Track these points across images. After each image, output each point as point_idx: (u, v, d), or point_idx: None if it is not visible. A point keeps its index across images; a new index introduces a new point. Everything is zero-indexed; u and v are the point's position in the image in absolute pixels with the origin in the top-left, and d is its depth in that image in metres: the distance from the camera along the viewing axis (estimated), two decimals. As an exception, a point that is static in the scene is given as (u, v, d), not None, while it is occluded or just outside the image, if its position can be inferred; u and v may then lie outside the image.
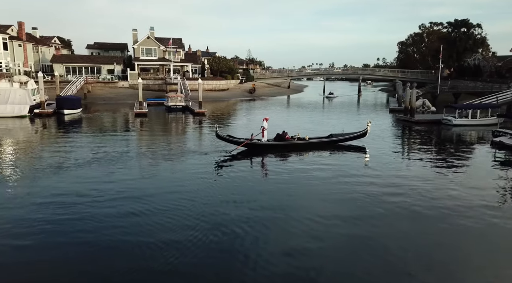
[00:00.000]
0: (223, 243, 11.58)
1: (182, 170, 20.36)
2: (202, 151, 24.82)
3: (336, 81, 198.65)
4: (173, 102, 50.64)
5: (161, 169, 20.67)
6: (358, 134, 26.44)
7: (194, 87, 68.19)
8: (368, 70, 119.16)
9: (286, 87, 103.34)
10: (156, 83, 71.05)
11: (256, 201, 15.41)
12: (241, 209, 14.46)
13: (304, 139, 25.30)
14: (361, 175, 19.55)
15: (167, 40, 76.57)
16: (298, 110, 58.00)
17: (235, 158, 23.27)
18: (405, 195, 16.36)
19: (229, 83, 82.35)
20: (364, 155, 24.70)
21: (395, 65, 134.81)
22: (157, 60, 75.73)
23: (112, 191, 16.49)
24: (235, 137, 25.46)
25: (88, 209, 14.31)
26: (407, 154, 25.58)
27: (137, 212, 14.07)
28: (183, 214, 13.82)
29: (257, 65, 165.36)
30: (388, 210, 14.59)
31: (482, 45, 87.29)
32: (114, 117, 45.31)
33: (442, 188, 17.39)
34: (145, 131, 35.30)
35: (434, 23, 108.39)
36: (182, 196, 16.07)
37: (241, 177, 18.92)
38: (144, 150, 25.31)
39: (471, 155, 25.70)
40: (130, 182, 18.00)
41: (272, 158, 23.75)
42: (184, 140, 29.71)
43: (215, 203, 15.14)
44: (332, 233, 12.57)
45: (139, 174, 19.60)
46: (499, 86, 56.60)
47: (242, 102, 68.67)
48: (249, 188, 17.41)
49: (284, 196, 16.21)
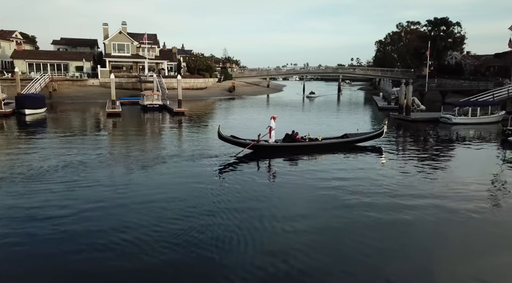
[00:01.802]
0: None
1: (163, 179, 16.86)
2: (186, 155, 21.32)
3: (312, 80, 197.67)
4: (149, 101, 46.55)
5: (140, 177, 17.06)
6: (374, 134, 24.23)
7: (170, 85, 64.17)
8: (349, 68, 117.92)
9: (266, 86, 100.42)
10: (130, 81, 66.32)
11: (271, 227, 12.14)
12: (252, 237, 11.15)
13: (316, 139, 22.70)
14: (383, 185, 16.62)
15: (141, 35, 72.01)
16: (284, 109, 54.98)
17: (237, 163, 19.97)
18: (437, 208, 13.52)
19: (207, 81, 78.55)
20: (380, 158, 22.09)
21: (371, 64, 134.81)
22: (130, 56, 70.89)
23: (76, 207, 12.98)
24: (240, 138, 22.27)
25: (44, 232, 10.68)
26: (417, 157, 22.82)
27: (107, 235, 10.65)
28: (166, 238, 10.42)
29: (234, 64, 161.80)
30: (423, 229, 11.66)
31: (461, 43, 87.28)
32: (84, 117, 40.84)
33: (470, 199, 14.65)
34: (118, 132, 31.29)
35: (411, 22, 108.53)
36: (163, 210, 12.80)
37: (245, 188, 15.56)
38: (119, 155, 21.49)
39: (483, 156, 23.31)
40: (100, 195, 14.41)
41: (281, 162, 20.68)
42: (165, 143, 25.98)
43: (209, 221, 11.77)
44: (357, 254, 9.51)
45: (112, 185, 15.87)
46: (485, 84, 55.68)
47: (222, 101, 65.10)
48: (258, 204, 14.07)
49: (307, 217, 13.01)
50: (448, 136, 30.49)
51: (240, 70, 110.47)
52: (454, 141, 28.64)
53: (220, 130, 21.65)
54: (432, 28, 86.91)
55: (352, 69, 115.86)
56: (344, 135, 24.29)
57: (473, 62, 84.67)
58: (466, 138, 29.86)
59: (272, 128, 21.96)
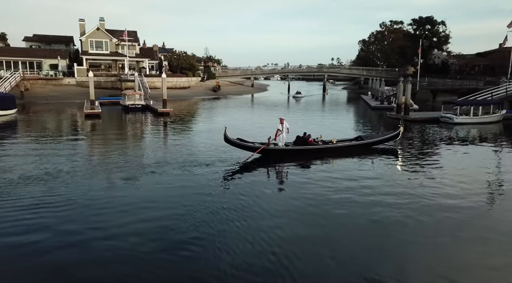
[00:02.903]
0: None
1: (153, 194, 14.25)
2: (176, 162, 18.75)
3: (293, 80, 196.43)
4: (131, 101, 43.44)
5: (124, 191, 14.42)
6: (390, 136, 22.47)
7: (152, 84, 61.22)
8: (334, 68, 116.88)
9: (250, 86, 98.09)
10: (109, 80, 62.74)
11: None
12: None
13: (331, 142, 20.87)
14: (401, 192, 14.52)
15: (120, 32, 68.29)
16: (272, 109, 52.71)
17: (240, 170, 17.55)
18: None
19: (190, 80, 75.61)
20: (397, 163, 20.21)
21: (353, 64, 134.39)
22: (109, 54, 67.26)
23: (38, 235, 10.41)
24: (248, 141, 20.06)
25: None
26: (433, 161, 20.92)
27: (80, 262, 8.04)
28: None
29: (215, 63, 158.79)
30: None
31: (445, 42, 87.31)
32: (59, 119, 37.46)
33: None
34: (98, 136, 28.33)
35: (394, 21, 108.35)
36: (156, 239, 10.21)
37: (256, 204, 13.13)
38: (99, 163, 18.66)
39: (504, 159, 21.63)
40: (73, 218, 11.81)
41: (294, 168, 18.45)
42: (151, 148, 23.20)
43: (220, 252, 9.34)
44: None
45: (89, 204, 13.18)
46: (475, 83, 55.15)
47: (207, 100, 62.35)
48: (271, 222, 11.69)
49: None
50: (456, 136, 28.71)
51: (223, 69, 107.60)
52: (466, 142, 26.85)
53: (226, 133, 19.33)
54: (417, 27, 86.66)
55: (337, 69, 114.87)
56: (359, 137, 22.68)
57: (458, 61, 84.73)
58: (476, 138, 28.14)
59: (280, 131, 19.85)
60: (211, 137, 26.37)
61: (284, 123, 19.99)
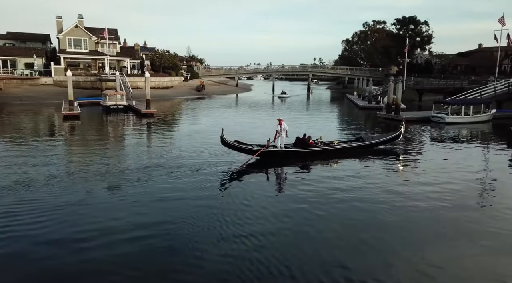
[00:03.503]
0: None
1: (139, 204, 12.87)
2: (163, 167, 17.42)
3: (276, 80, 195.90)
4: (113, 101, 41.51)
5: (107, 201, 12.98)
6: (392, 137, 21.78)
7: (134, 84, 59.23)
8: (318, 68, 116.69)
9: (234, 85, 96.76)
10: (89, 79, 60.29)
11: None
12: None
13: (331, 144, 20.05)
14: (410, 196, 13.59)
15: (99, 30, 65.95)
16: (259, 110, 51.62)
17: (235, 175, 16.24)
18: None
19: (173, 80, 73.74)
20: (399, 163, 19.53)
21: (335, 64, 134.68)
22: (88, 53, 64.78)
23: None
24: (246, 143, 19.02)
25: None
26: (436, 162, 20.15)
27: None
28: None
29: (198, 62, 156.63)
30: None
31: (428, 42, 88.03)
32: (35, 120, 35.31)
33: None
34: (78, 138, 26.56)
35: (377, 21, 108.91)
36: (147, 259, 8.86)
37: (255, 211, 11.92)
38: (78, 169, 17.08)
39: (497, 159, 21.04)
40: (48, 234, 10.38)
41: (294, 172, 17.33)
42: (135, 151, 21.65)
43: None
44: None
45: (67, 219, 11.73)
46: (460, 82, 55.37)
47: (191, 100, 60.74)
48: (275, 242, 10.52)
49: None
50: (450, 136, 28.15)
51: (206, 68, 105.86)
52: (460, 142, 26.30)
53: (223, 135, 18.17)
54: (400, 27, 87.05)
55: (322, 68, 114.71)
56: (360, 138, 21.95)
57: (441, 61, 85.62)
58: (471, 138, 27.68)
59: (279, 132, 18.84)
60: (199, 139, 25.06)
61: (283, 124, 18.94)
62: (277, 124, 19.19)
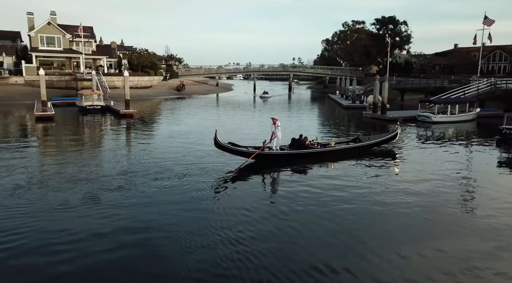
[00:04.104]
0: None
1: (121, 214, 11.58)
2: (147, 172, 16.11)
3: (256, 80, 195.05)
4: (89, 101, 39.55)
5: (85, 212, 11.61)
6: (389, 137, 21.30)
7: (111, 84, 57.19)
8: (300, 67, 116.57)
9: (215, 85, 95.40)
10: (63, 79, 57.69)
11: None
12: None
13: (328, 145, 19.40)
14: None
15: (74, 28, 63.50)
16: (243, 109, 50.54)
17: (225, 180, 15.05)
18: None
19: (152, 79, 71.83)
20: (395, 165, 18.87)
21: (314, 64, 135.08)
22: (62, 51, 62.08)
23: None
24: (240, 145, 18.03)
25: None
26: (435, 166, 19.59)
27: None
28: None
29: (177, 62, 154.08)
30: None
31: (407, 41, 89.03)
32: (4, 122, 33.03)
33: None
34: (52, 141, 24.80)
35: (356, 21, 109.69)
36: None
37: (254, 221, 10.83)
38: (52, 175, 15.55)
39: (491, 159, 20.71)
40: (17, 252, 8.93)
41: (291, 174, 16.56)
42: (115, 155, 20.14)
43: None
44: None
45: (43, 225, 10.38)
46: (441, 82, 55.87)
47: (171, 101, 59.07)
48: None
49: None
50: (439, 136, 27.82)
51: (186, 68, 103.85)
52: (451, 141, 25.89)
53: (217, 137, 17.06)
54: (380, 27, 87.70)
55: (303, 68, 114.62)
56: (356, 138, 21.29)
57: (419, 60, 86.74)
58: (460, 138, 27.32)
59: (275, 134, 17.93)
60: (183, 141, 23.80)
61: (276, 123, 18.01)
62: (271, 124, 18.29)
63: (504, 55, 69.91)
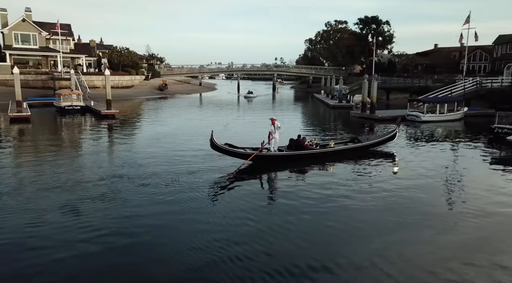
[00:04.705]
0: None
1: (106, 224, 10.53)
2: (133, 177, 15.05)
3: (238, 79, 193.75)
4: (68, 101, 37.76)
5: (66, 221, 10.47)
6: (388, 137, 20.93)
7: (91, 83, 55.21)
8: (283, 67, 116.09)
9: (198, 85, 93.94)
10: (39, 78, 55.18)
11: None
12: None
13: (328, 145, 18.91)
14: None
15: (50, 25, 61.11)
16: (229, 109, 49.47)
17: (222, 182, 14.03)
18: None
19: (133, 79, 69.97)
20: (394, 164, 18.46)
21: (296, 64, 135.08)
22: (38, 49, 59.51)
23: None
24: (238, 147, 17.28)
25: None
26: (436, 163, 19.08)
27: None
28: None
29: (158, 61, 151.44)
30: None
31: (390, 41, 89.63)
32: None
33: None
34: (28, 144, 23.26)
35: (338, 21, 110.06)
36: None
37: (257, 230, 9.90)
38: (29, 180, 14.26)
39: (487, 159, 20.39)
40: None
41: (290, 176, 15.92)
42: (97, 159, 18.88)
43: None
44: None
45: (16, 233, 9.19)
46: (425, 81, 56.24)
47: (154, 100, 57.49)
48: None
49: None
50: (430, 135, 27.51)
51: (168, 67, 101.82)
52: (445, 141, 25.59)
53: (213, 138, 16.32)
54: (363, 26, 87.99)
55: (286, 68, 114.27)
56: (355, 139, 20.78)
57: (402, 60, 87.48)
58: (451, 137, 27.08)
59: (273, 134, 17.23)
60: (169, 143, 22.68)
61: (276, 123, 17.31)
62: (269, 125, 17.55)
63: (485, 55, 71.14)
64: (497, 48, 67.89)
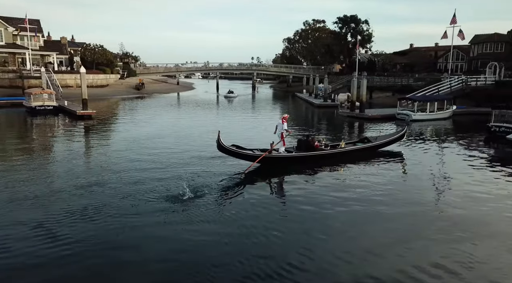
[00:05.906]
0: None
1: (85, 241, 8.81)
2: (117, 182, 13.48)
3: (215, 79, 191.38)
4: (39, 101, 35.13)
5: (41, 236, 8.70)
6: (397, 137, 20.16)
7: (63, 82, 52.30)
8: (262, 66, 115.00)
9: (176, 84, 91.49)
10: (6, 77, 51.63)
11: None
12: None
13: (338, 146, 18.00)
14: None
15: (18, 20, 57.44)
16: (210, 109, 47.71)
17: (217, 189, 12.44)
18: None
19: (108, 77, 67.17)
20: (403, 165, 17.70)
21: (274, 63, 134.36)
22: (4, 46, 55.87)
23: None
24: (245, 148, 16.04)
25: None
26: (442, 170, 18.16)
27: None
28: None
29: (133, 59, 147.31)
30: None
31: (369, 40, 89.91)
32: None
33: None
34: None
35: (317, 20, 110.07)
36: None
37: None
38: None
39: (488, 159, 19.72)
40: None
41: (300, 179, 14.43)
42: (74, 164, 16.89)
43: None
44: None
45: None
46: (407, 80, 56.37)
47: (131, 100, 55.06)
48: None
49: None
50: (424, 134, 26.71)
51: (144, 66, 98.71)
52: (439, 139, 24.92)
53: (220, 139, 15.03)
54: (342, 25, 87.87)
55: (266, 67, 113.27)
56: (365, 139, 19.97)
57: (380, 59, 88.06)
58: (446, 136, 26.53)
59: (288, 131, 16.53)
60: (151, 145, 20.92)
61: (285, 122, 16.28)
62: (280, 123, 16.46)
63: (461, 54, 72.40)
64: (473, 47, 69.19)
